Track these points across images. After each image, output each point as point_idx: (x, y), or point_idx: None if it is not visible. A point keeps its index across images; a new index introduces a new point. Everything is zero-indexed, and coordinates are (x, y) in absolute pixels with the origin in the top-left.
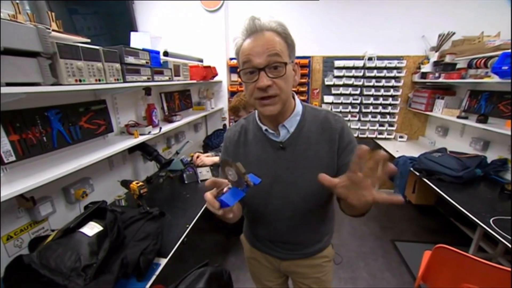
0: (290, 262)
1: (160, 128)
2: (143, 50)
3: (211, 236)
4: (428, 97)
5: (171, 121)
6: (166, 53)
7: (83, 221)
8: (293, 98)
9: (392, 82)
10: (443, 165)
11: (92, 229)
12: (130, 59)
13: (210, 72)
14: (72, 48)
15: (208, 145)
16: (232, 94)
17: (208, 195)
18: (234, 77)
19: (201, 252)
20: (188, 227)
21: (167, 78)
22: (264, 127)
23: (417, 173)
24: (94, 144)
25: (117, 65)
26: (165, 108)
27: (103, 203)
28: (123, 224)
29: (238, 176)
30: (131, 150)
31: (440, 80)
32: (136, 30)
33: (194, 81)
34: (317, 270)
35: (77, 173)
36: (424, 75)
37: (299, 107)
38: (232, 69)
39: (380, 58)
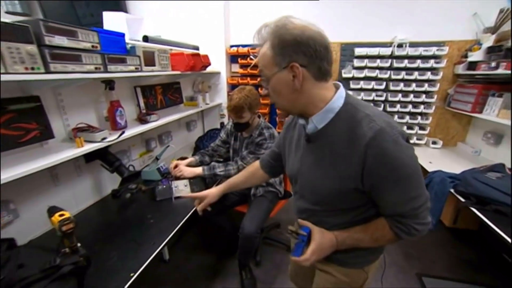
0: None
1: (122, 133)
2: (91, 30)
3: (199, 255)
4: (478, 94)
5: (145, 121)
6: (146, 38)
7: None
8: (335, 92)
9: (428, 75)
10: (505, 192)
11: None
12: (58, 40)
13: (200, 61)
14: None
15: (199, 148)
16: (233, 87)
17: None
18: (235, 67)
19: (183, 274)
20: (132, 277)
21: (132, 68)
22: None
23: (462, 199)
24: (21, 156)
25: (30, 47)
26: (141, 105)
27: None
28: None
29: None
30: (90, 158)
31: (498, 71)
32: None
33: (178, 72)
34: (326, 280)
35: None
36: (472, 65)
37: (336, 103)
38: (233, 58)
39: (413, 44)
